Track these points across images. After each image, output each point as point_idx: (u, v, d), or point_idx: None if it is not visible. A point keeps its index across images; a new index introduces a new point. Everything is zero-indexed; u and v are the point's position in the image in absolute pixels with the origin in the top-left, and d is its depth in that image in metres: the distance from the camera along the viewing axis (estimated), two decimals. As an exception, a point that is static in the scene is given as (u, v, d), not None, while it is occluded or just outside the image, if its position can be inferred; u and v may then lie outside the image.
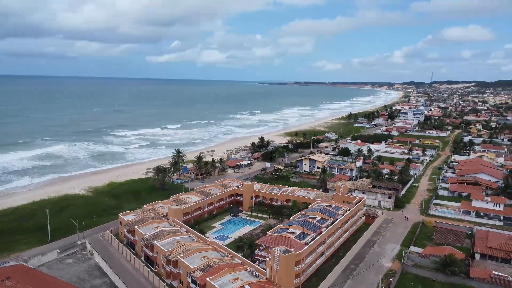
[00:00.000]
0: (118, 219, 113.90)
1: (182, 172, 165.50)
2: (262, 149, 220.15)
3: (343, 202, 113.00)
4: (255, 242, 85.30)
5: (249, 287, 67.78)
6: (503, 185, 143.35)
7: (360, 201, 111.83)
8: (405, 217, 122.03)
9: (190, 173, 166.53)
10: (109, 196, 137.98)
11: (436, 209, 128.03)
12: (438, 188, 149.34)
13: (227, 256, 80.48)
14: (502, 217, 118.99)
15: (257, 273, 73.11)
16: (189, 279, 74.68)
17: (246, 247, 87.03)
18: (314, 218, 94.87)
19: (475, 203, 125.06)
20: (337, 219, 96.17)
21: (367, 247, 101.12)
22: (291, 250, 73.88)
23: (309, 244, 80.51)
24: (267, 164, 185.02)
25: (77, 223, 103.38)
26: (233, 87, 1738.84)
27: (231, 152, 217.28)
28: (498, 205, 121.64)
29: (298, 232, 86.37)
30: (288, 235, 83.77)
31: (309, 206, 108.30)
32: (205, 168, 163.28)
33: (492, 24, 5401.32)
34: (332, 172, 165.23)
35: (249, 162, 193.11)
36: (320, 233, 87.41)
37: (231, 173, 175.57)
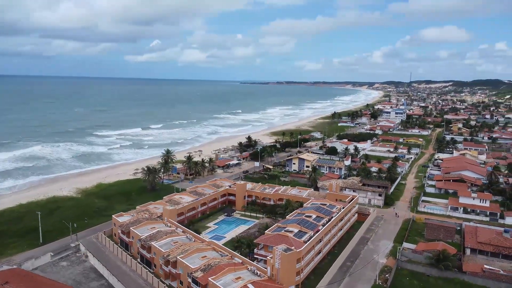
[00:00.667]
0: (110, 220, 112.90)
1: (172, 172, 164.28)
2: (249, 148, 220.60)
3: (336, 200, 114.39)
4: (254, 241, 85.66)
5: (252, 286, 68.08)
6: (487, 181, 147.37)
7: (353, 199, 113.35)
8: (396, 214, 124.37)
9: (180, 174, 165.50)
10: (98, 198, 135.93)
11: (424, 206, 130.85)
12: (425, 185, 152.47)
13: (227, 255, 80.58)
14: (488, 213, 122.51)
15: (258, 272, 73.43)
16: (189, 279, 74.52)
17: (245, 246, 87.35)
18: (310, 216, 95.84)
19: (462, 200, 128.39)
20: (332, 217, 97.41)
21: (361, 244, 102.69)
22: (292, 248, 74.44)
23: (308, 242, 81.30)
24: (256, 164, 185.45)
25: (70, 225, 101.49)
26: (215, 86, 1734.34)
27: (219, 152, 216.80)
28: (484, 201, 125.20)
29: (296, 230, 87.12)
30: (286, 234, 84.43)
31: (304, 204, 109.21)
32: (195, 168, 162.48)
33: (467, 25, 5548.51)
34: (321, 171, 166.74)
35: (237, 161, 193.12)
36: (318, 231, 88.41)
37: (220, 173, 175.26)
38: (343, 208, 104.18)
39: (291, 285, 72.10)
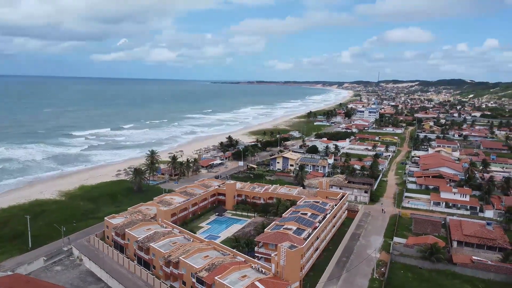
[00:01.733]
0: (99, 223, 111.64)
1: (156, 173, 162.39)
2: (231, 148, 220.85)
3: (326, 198, 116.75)
4: (255, 240, 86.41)
5: (259, 283, 68.90)
6: (464, 177, 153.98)
7: (343, 196, 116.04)
8: (382, 210, 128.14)
9: (164, 174, 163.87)
10: (84, 200, 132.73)
11: (408, 201, 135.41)
12: (406, 182, 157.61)
13: (229, 254, 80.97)
14: (468, 207, 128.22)
15: (263, 270, 74.26)
16: (193, 279, 74.49)
17: (244, 245, 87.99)
18: (306, 214, 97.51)
19: (444, 195, 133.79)
20: (327, 214, 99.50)
21: (353, 240, 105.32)
22: (295, 245, 75.73)
23: (308, 239, 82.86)
24: (240, 163, 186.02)
25: (62, 229, 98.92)
26: (186, 86, 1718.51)
27: (200, 152, 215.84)
28: (464, 196, 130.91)
29: (294, 228, 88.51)
30: (286, 231, 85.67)
31: (297, 202, 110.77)
32: (180, 169, 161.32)
33: (431, 27, 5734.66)
34: (306, 169, 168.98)
35: (221, 161, 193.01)
36: (315, 228, 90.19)
37: (205, 173, 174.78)
38: (336, 205, 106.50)
39: (295, 281, 73.38)
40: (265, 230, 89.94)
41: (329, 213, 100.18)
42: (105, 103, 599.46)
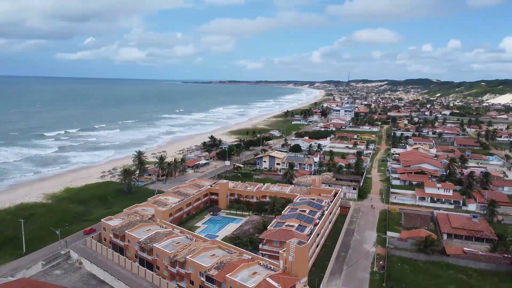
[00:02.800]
0: (92, 225, 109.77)
1: (143, 174, 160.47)
2: (214, 148, 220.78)
3: (319, 195, 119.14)
4: (260, 237, 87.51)
5: (271, 279, 70.14)
6: (445, 173, 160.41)
7: (336, 193, 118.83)
8: (372, 206, 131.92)
9: (151, 175, 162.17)
10: (72, 203, 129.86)
11: (395, 197, 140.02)
12: (390, 178, 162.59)
13: (235, 252, 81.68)
14: (452, 201, 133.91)
15: (271, 266, 75.51)
16: (202, 278, 74.89)
17: (247, 243, 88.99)
18: (304, 211, 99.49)
19: (428, 190, 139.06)
20: (324, 211, 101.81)
21: (348, 236, 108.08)
22: (304, 241, 77.42)
23: (312, 235, 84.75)
24: (227, 163, 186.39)
25: (59, 232, 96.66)
26: (156, 86, 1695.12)
27: (183, 152, 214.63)
28: (448, 190, 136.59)
29: (296, 225, 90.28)
30: (289, 228, 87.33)
31: (294, 200, 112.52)
32: (168, 169, 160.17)
33: (397, 27, 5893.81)
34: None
35: (206, 161, 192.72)
36: (316, 224, 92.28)
37: (191, 173, 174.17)
38: (331, 202, 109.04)
39: (304, 276, 75.00)
40: (268, 227, 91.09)
41: (326, 210, 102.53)
42: (74, 103, 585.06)
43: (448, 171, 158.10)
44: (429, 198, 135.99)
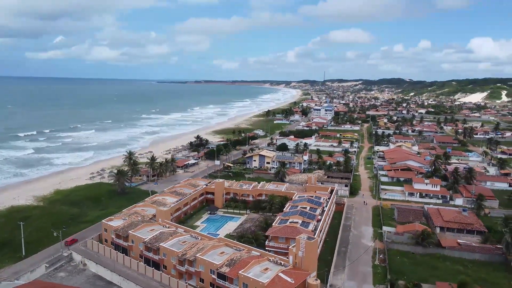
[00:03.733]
0: (89, 227, 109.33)
1: (135, 174, 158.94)
2: (201, 147, 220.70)
3: (315, 192, 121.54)
4: (267, 234, 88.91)
5: (283, 274, 71.72)
6: (430, 169, 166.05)
7: (333, 190, 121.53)
8: (364, 202, 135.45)
9: (142, 175, 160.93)
10: (65, 204, 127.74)
11: (385, 193, 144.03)
12: (378, 175, 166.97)
13: (243, 250, 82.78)
14: (440, 196, 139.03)
15: (281, 262, 77.04)
16: (213, 276, 75.69)
17: (252, 240, 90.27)
18: (305, 208, 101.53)
19: (417, 186, 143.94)
20: (324, 208, 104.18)
21: (346, 231, 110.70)
22: (313, 236, 79.34)
23: (317, 231, 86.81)
24: (217, 162, 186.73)
25: (60, 234, 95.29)
26: (131, 86, 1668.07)
27: (173, 152, 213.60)
28: (435, 186, 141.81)
29: (300, 221, 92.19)
30: (294, 225, 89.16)
31: (293, 197, 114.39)
32: (160, 169, 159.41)
33: (370, 28, 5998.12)
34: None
35: (195, 161, 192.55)
36: (318, 220, 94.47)
37: (181, 173, 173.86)
38: (329, 198, 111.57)
39: (313, 271, 76.89)
40: (272, 224, 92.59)
41: (326, 206, 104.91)
42: (48, 103, 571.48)
43: (433, 167, 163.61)
44: (418, 193, 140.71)
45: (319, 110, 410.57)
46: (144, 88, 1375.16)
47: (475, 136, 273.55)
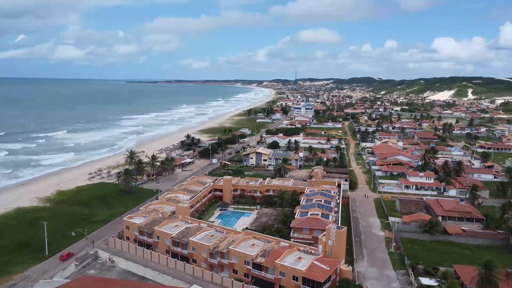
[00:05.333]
0: (104, 226, 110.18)
1: (140, 174, 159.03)
2: (192, 146, 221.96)
3: (322, 186, 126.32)
4: (291, 226, 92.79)
5: (318, 262, 75.87)
6: (420, 163, 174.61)
7: (339, 184, 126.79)
8: (365, 195, 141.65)
9: (142, 175, 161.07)
10: (73, 205, 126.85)
11: (383, 186, 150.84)
12: (373, 170, 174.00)
13: (272, 241, 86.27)
14: (434, 188, 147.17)
15: (312, 251, 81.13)
16: (248, 266, 78.83)
17: (275, 232, 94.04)
18: (321, 201, 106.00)
19: (412, 179, 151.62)
20: (336, 200, 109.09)
21: (355, 223, 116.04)
22: (341, 226, 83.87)
23: (338, 221, 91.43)
24: (214, 161, 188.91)
25: (86, 233, 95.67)
26: (100, 86, 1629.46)
27: (162, 152, 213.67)
28: (429, 178, 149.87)
29: (320, 213, 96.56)
30: (316, 217, 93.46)
31: (305, 191, 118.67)
32: (161, 168, 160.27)
33: (338, 28, 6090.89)
34: (279, 162, 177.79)
35: (191, 160, 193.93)
36: (336, 212, 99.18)
37: (180, 172, 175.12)
38: (339, 192, 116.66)
39: (342, 259, 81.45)
40: (295, 217, 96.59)
41: (338, 199, 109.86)
42: (12, 104, 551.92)
43: (423, 161, 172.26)
44: (414, 186, 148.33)
45: (300, 108, 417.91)
46: (113, 88, 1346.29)
47: (453, 132, 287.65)
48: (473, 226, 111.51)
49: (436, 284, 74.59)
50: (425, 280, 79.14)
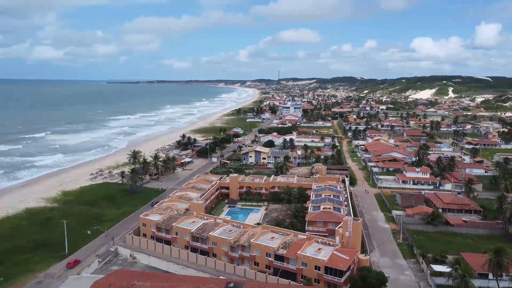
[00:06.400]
0: (117, 224, 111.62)
1: (146, 173, 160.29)
2: (188, 146, 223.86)
3: (327, 182, 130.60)
4: (306, 219, 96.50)
5: (338, 252, 79.80)
6: (415, 159, 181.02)
7: (344, 180, 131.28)
8: (366, 190, 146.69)
9: (145, 174, 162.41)
10: (81, 205, 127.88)
11: (381, 182, 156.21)
12: (369, 166, 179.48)
13: (290, 234, 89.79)
14: (430, 183, 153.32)
15: (330, 243, 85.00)
16: (270, 258, 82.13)
17: (289, 226, 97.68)
18: (330, 195, 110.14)
19: (409, 174, 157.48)
20: (344, 195, 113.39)
21: (360, 216, 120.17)
22: (358, 219, 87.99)
23: (348, 214, 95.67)
24: (214, 160, 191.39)
25: (106, 231, 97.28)
26: (80, 86, 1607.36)
27: (158, 152, 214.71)
28: (425, 173, 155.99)
29: (331, 207, 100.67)
30: (329, 210, 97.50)
31: (312, 187, 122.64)
32: (164, 167, 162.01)
33: (319, 28, 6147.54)
34: (278, 160, 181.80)
35: (190, 159, 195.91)
36: (346, 206, 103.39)
37: (180, 171, 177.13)
38: (345, 187, 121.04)
39: (359, 250, 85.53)
40: (309, 211, 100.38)
41: (345, 194, 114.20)
42: (8, 106, 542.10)
43: (417, 157, 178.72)
44: (411, 181, 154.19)
45: (288, 108, 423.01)
46: (95, 89, 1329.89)
47: (441, 129, 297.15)
48: (472, 217, 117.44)
49: (448, 270, 79.22)
50: (437, 267, 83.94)
